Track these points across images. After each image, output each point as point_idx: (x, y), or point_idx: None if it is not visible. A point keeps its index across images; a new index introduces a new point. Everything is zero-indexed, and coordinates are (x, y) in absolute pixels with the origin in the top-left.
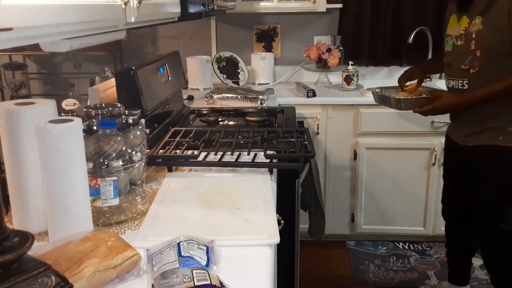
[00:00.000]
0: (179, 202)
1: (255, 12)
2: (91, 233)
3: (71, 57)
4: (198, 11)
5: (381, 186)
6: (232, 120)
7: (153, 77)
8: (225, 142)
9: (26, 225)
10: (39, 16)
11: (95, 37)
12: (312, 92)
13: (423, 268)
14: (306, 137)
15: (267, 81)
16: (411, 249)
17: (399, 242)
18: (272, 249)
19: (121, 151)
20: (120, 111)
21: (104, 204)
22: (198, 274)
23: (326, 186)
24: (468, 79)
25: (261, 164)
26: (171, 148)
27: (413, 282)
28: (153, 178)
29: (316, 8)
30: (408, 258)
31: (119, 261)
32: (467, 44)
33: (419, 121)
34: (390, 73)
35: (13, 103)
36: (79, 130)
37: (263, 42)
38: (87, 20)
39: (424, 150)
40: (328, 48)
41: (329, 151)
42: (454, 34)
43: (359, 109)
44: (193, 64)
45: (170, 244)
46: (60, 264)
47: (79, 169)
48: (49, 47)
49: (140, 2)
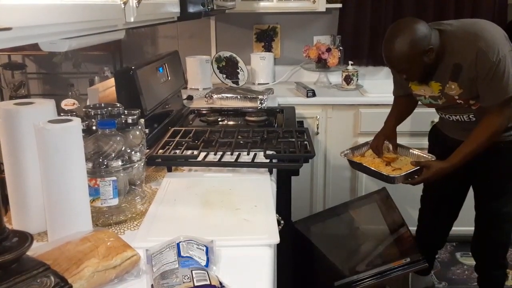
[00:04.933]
0: (178, 202)
1: (254, 12)
2: (90, 233)
3: (70, 57)
4: (198, 11)
5: (381, 186)
6: (232, 120)
7: (152, 77)
8: (225, 142)
9: (25, 225)
10: (38, 16)
11: (94, 37)
12: (312, 92)
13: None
14: (306, 137)
15: (267, 81)
16: None
17: None
18: (272, 249)
19: (121, 151)
20: (119, 111)
21: (104, 204)
22: (198, 274)
23: (326, 186)
24: (473, 113)
25: (261, 164)
26: (170, 148)
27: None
28: (152, 178)
29: (316, 8)
30: None
31: (118, 261)
32: (452, 101)
33: (419, 121)
34: (390, 73)
35: (12, 103)
36: (78, 130)
37: (263, 42)
38: (86, 19)
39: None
40: (328, 48)
41: (329, 151)
42: (427, 94)
43: (359, 109)
44: (192, 64)
45: (170, 244)
46: (60, 264)
47: (78, 169)
48: (48, 46)
49: (139, 2)
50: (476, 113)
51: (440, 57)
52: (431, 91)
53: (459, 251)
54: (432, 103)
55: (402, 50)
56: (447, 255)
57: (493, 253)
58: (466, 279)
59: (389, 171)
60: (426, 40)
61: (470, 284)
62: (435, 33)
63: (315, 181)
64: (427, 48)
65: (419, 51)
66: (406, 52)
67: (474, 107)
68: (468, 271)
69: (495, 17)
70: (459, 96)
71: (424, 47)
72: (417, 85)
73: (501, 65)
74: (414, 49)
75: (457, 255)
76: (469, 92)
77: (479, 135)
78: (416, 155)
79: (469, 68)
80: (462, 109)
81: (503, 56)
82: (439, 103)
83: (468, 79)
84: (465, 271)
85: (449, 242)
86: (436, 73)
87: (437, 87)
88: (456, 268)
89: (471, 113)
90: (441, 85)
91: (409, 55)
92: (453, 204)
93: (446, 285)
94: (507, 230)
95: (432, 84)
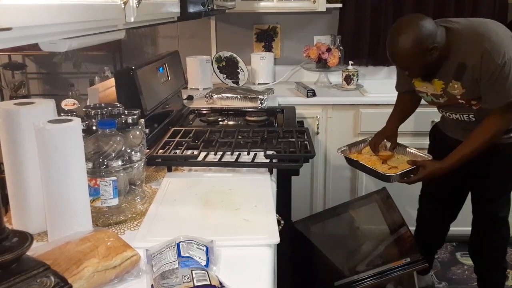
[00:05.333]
0: (178, 202)
1: (255, 11)
2: (90, 233)
3: (71, 57)
4: (198, 11)
5: (381, 186)
6: (232, 120)
7: (152, 77)
8: (225, 142)
9: (26, 225)
10: (38, 16)
11: (95, 37)
12: (312, 92)
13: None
14: (306, 137)
15: (267, 81)
16: None
17: None
18: (272, 249)
19: (121, 151)
20: (119, 111)
21: (104, 204)
22: (198, 274)
23: (326, 186)
24: (473, 113)
25: (261, 164)
26: (170, 148)
27: None
28: (152, 178)
29: (316, 8)
30: None
31: (118, 261)
32: (454, 100)
33: (419, 121)
34: (390, 73)
35: (12, 103)
36: (78, 130)
37: (263, 42)
38: (86, 19)
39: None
40: (328, 48)
41: (329, 151)
42: (429, 92)
43: (359, 109)
44: (192, 64)
45: (170, 244)
46: (60, 264)
47: (78, 169)
48: (48, 46)
49: (139, 2)
50: (476, 114)
51: (445, 56)
52: (433, 89)
53: (459, 251)
54: (433, 101)
55: (405, 47)
56: (447, 255)
57: (491, 257)
58: (466, 279)
59: (385, 169)
60: (430, 38)
61: (470, 284)
62: (441, 31)
63: (315, 181)
64: (431, 46)
65: (422, 49)
66: (409, 50)
67: (475, 107)
68: (468, 271)
69: (495, 17)
70: (461, 96)
71: (428, 45)
72: (420, 82)
73: (506, 67)
74: (418, 47)
75: (457, 255)
76: (471, 92)
77: (478, 137)
78: (413, 154)
79: (473, 69)
80: (463, 108)
81: (508, 59)
82: (441, 101)
83: (472, 80)
84: (465, 271)
85: (449, 242)
86: (440, 71)
87: (440, 85)
88: (456, 268)
89: (472, 113)
90: (444, 83)
91: (412, 52)
92: (451, 205)
93: (446, 285)
94: (505, 234)
95: (435, 81)
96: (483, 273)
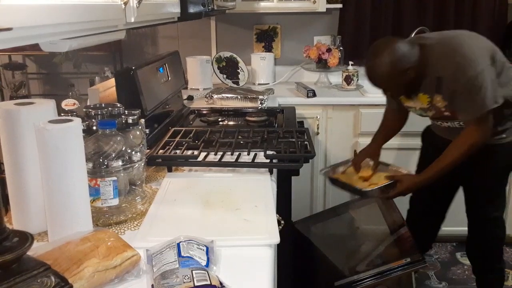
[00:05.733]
0: (179, 202)
1: (255, 12)
2: (90, 233)
3: (71, 57)
4: (198, 11)
5: None
6: (232, 120)
7: (153, 77)
8: (225, 142)
9: (26, 225)
10: (39, 16)
11: (95, 37)
12: (312, 92)
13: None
14: (306, 137)
15: (267, 81)
16: None
17: None
18: (272, 249)
19: (121, 151)
20: (119, 111)
21: (104, 204)
22: (198, 274)
23: (326, 186)
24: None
25: (261, 164)
26: (171, 148)
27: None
28: (152, 178)
29: (316, 8)
30: None
31: (118, 261)
32: (440, 113)
33: (419, 121)
34: None
35: (12, 103)
36: (78, 130)
37: (263, 42)
38: (86, 20)
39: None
40: (328, 48)
41: (329, 151)
42: (417, 106)
43: (359, 109)
44: (193, 64)
45: (170, 244)
46: (60, 264)
47: (78, 169)
48: (49, 47)
49: (139, 2)
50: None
51: (423, 72)
52: (420, 103)
53: (459, 251)
54: (422, 114)
55: (381, 70)
56: (447, 255)
57: (488, 258)
58: (466, 279)
59: (365, 185)
60: (405, 60)
61: (470, 284)
62: (415, 49)
63: (315, 181)
64: (407, 67)
65: (398, 70)
66: (385, 72)
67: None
68: (468, 271)
69: (495, 17)
70: (445, 108)
71: (403, 66)
72: (406, 99)
73: (478, 80)
74: (394, 68)
75: (457, 255)
76: (453, 104)
77: (454, 150)
78: (394, 171)
79: (448, 82)
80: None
81: (480, 71)
82: (429, 114)
83: (450, 92)
84: (465, 271)
85: (449, 242)
86: (423, 86)
87: (426, 99)
88: (456, 268)
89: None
90: (429, 97)
91: (389, 75)
92: (440, 206)
93: (446, 285)
94: (499, 234)
95: (420, 96)
96: (480, 274)
